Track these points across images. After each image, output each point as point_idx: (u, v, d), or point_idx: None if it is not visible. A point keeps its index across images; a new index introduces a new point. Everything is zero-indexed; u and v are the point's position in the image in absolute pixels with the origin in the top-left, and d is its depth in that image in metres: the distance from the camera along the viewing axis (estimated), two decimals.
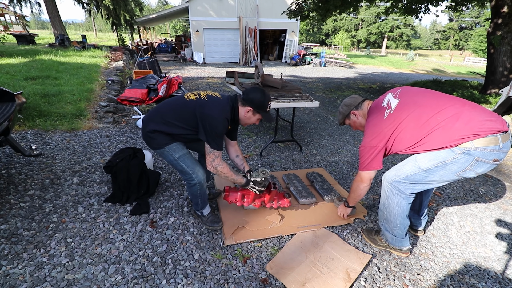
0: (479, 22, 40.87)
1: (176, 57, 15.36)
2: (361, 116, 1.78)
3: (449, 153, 1.38)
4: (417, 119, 1.45)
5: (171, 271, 1.57)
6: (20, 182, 2.33)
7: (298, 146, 3.49)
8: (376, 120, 1.60)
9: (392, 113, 1.53)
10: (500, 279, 1.65)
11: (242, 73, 4.00)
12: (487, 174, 3.01)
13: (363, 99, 1.80)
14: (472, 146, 1.32)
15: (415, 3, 8.32)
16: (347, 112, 1.80)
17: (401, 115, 1.50)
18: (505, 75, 6.41)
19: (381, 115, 1.58)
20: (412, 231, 2.00)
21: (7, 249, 1.63)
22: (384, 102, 1.62)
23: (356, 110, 1.78)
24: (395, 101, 1.57)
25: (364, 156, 1.63)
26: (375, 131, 1.58)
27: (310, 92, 7.31)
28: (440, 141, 1.39)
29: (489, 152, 1.32)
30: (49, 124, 3.58)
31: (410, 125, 1.47)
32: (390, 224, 1.69)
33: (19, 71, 5.90)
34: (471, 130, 1.32)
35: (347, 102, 1.81)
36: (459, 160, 1.36)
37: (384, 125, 1.55)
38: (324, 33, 57.99)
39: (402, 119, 1.49)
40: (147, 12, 26.84)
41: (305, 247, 1.78)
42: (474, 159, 1.34)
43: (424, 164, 1.46)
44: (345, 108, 1.80)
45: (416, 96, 1.54)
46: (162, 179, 2.55)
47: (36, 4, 15.15)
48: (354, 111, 1.78)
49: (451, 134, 1.36)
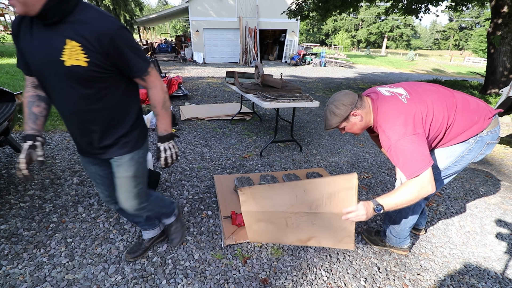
0: (479, 22, 40.88)
1: (176, 57, 15.35)
2: (364, 115, 1.38)
3: (463, 146, 1.38)
4: (439, 100, 1.28)
5: (171, 271, 1.57)
6: (20, 182, 2.33)
7: (298, 146, 3.49)
8: (397, 106, 1.27)
9: (410, 97, 1.29)
10: (500, 279, 1.65)
11: (242, 73, 4.00)
12: (487, 174, 3.01)
13: (359, 94, 1.43)
14: (484, 132, 1.35)
15: (415, 3, 8.32)
16: (346, 114, 1.36)
17: (421, 98, 1.28)
18: (505, 75, 6.41)
19: (399, 100, 1.29)
20: (415, 231, 2.00)
21: (7, 249, 1.63)
22: (384, 92, 1.37)
23: (357, 109, 1.37)
24: (398, 89, 1.36)
25: (403, 154, 1.21)
26: (403, 118, 1.23)
27: (310, 92, 7.30)
28: (465, 124, 1.32)
29: (495, 133, 1.38)
30: (49, 124, 3.58)
31: (436, 107, 1.27)
32: (399, 227, 1.67)
33: (19, 71, 5.91)
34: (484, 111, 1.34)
35: (344, 101, 1.36)
36: (473, 149, 1.39)
37: (411, 108, 1.25)
38: (324, 33, 57.99)
39: (425, 101, 1.27)
40: (147, 12, 26.86)
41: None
42: (486, 143, 1.38)
43: (442, 163, 1.44)
44: (343, 108, 1.36)
45: (412, 84, 1.41)
46: (162, 179, 2.55)
47: None
48: (355, 111, 1.37)
49: (472, 115, 1.33)
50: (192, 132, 3.86)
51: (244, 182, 2.43)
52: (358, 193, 2.52)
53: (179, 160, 2.95)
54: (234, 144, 3.51)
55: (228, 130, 4.01)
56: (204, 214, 2.08)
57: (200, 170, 2.77)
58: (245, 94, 3.30)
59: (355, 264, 1.69)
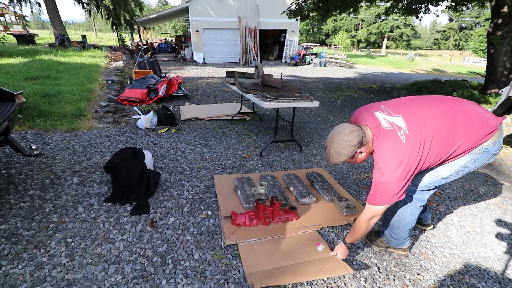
0: (479, 22, 40.87)
1: (176, 57, 15.36)
2: (368, 150, 1.41)
3: (468, 157, 1.39)
4: (438, 131, 1.30)
5: (171, 271, 1.57)
6: (20, 182, 2.33)
7: (298, 146, 3.49)
8: (395, 148, 1.31)
9: (408, 133, 1.30)
10: (500, 279, 1.65)
11: (242, 73, 4.00)
12: (487, 174, 3.01)
13: (358, 126, 1.41)
14: (489, 144, 1.36)
15: (415, 3, 8.32)
16: (352, 153, 1.37)
17: (419, 133, 1.30)
18: (505, 75, 6.41)
19: (398, 139, 1.31)
20: (422, 226, 2.03)
21: (7, 249, 1.63)
22: (384, 124, 1.36)
23: (362, 146, 1.37)
24: (397, 118, 1.35)
25: (386, 190, 1.32)
26: (399, 161, 1.29)
27: (310, 92, 7.30)
28: (467, 145, 1.34)
29: (500, 143, 1.40)
30: (49, 124, 3.58)
31: (434, 141, 1.30)
32: (398, 230, 1.68)
33: (19, 71, 5.90)
34: (488, 128, 1.34)
35: (351, 141, 1.34)
36: (478, 160, 1.40)
37: (408, 149, 1.29)
38: (324, 33, 57.99)
39: (424, 137, 1.30)
40: (147, 12, 26.83)
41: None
42: (492, 154, 1.40)
43: (445, 172, 1.46)
44: (350, 149, 1.35)
45: (412, 107, 1.38)
46: (162, 179, 2.55)
47: (36, 4, 15.15)
48: (361, 148, 1.38)
49: (475, 136, 1.33)
50: (192, 132, 3.86)
51: (244, 182, 2.43)
52: (359, 193, 2.52)
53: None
54: (234, 144, 3.51)
55: (228, 130, 4.01)
56: (204, 214, 2.08)
57: (200, 170, 2.77)
58: (245, 94, 3.30)
59: (355, 264, 1.69)
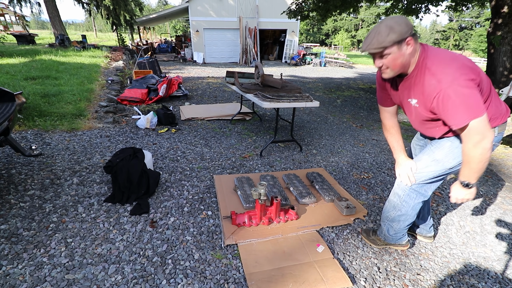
0: (479, 22, 40.88)
1: (176, 57, 15.36)
2: (413, 52, 1.20)
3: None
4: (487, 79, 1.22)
5: (171, 271, 1.57)
6: (20, 182, 2.33)
7: (298, 146, 3.49)
8: (451, 53, 1.17)
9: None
10: (500, 279, 1.65)
11: (242, 73, 4.00)
12: (487, 174, 3.01)
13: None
14: (495, 130, 1.32)
15: (415, 3, 8.32)
16: (405, 36, 1.14)
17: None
18: (505, 75, 6.41)
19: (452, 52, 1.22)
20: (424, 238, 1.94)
21: (7, 249, 1.63)
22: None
23: (412, 39, 1.17)
24: None
25: (456, 100, 1.07)
26: (459, 62, 1.11)
27: (310, 92, 7.30)
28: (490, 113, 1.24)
29: (501, 136, 1.38)
30: (49, 124, 3.58)
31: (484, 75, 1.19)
32: (398, 224, 1.67)
33: (19, 71, 5.91)
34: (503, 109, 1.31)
35: (407, 21, 1.14)
36: None
37: (465, 58, 1.15)
38: (324, 33, 57.97)
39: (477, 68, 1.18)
40: (147, 12, 26.84)
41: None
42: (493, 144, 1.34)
43: (449, 163, 1.42)
44: (405, 28, 1.13)
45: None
46: (162, 179, 2.55)
47: (36, 4, 15.17)
48: (412, 38, 1.16)
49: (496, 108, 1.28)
50: (192, 132, 3.86)
51: (244, 182, 2.43)
52: (358, 193, 2.52)
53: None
54: (234, 144, 3.51)
55: (228, 130, 4.01)
56: (204, 214, 2.08)
57: (200, 170, 2.77)
58: (245, 94, 3.30)
59: (355, 264, 1.69)
